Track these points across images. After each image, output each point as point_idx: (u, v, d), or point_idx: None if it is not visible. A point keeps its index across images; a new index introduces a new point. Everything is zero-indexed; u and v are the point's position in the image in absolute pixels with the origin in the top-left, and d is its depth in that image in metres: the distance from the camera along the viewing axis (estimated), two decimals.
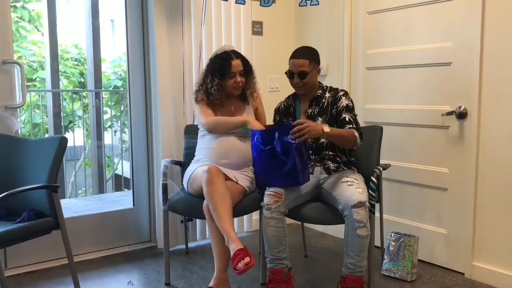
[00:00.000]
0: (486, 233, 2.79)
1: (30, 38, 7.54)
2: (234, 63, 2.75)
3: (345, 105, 2.65)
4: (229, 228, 2.38)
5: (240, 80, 2.77)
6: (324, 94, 2.72)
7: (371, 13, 3.37)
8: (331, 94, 2.71)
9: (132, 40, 3.33)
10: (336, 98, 2.68)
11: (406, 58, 3.16)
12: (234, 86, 2.78)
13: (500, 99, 2.70)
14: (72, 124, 6.40)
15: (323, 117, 2.67)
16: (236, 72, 2.76)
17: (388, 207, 3.27)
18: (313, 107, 2.72)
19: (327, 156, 2.68)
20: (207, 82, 2.79)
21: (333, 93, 2.71)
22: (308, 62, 2.63)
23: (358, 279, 2.40)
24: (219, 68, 2.76)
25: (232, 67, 2.74)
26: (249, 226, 3.75)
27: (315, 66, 2.68)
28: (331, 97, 2.70)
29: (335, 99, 2.68)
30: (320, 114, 2.68)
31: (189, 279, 2.91)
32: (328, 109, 2.68)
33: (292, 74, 2.66)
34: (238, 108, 2.88)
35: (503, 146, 2.69)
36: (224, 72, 2.75)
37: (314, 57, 2.69)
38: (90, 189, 6.22)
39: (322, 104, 2.70)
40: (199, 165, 2.72)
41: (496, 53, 2.70)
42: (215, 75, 2.76)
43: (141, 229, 3.49)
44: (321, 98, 2.71)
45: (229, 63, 2.74)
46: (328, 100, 2.69)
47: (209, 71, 2.80)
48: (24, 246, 2.53)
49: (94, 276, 2.95)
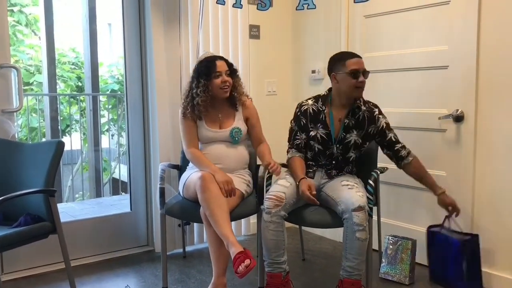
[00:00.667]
0: (483, 237, 2.79)
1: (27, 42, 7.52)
2: (218, 63, 2.74)
3: (385, 124, 2.66)
4: (227, 232, 2.38)
5: (227, 79, 2.74)
6: (361, 106, 2.65)
7: (368, 16, 3.38)
8: (366, 108, 2.65)
9: (129, 44, 3.33)
10: (373, 115, 2.65)
11: (403, 62, 3.17)
12: (221, 87, 2.73)
13: (496, 102, 2.71)
14: (69, 128, 6.39)
15: (359, 131, 2.64)
16: (222, 71, 2.73)
17: (386, 210, 3.27)
18: (349, 117, 2.64)
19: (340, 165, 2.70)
20: (192, 88, 2.76)
21: (368, 108, 2.66)
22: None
23: (356, 282, 2.40)
24: (205, 69, 2.73)
25: (217, 67, 2.72)
26: (247, 229, 3.75)
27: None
28: (367, 111, 2.64)
29: (373, 117, 2.64)
30: (356, 127, 2.63)
31: (186, 283, 2.90)
32: (364, 124, 2.64)
33: (357, 73, 2.55)
34: (227, 116, 2.83)
35: (500, 149, 2.70)
36: (209, 72, 2.71)
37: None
38: (87, 193, 6.21)
39: (358, 116, 2.64)
40: (193, 171, 2.72)
41: (493, 56, 2.71)
42: (201, 77, 2.73)
43: (139, 233, 3.48)
44: (359, 110, 2.64)
45: (214, 63, 2.73)
46: (365, 114, 2.64)
47: (195, 76, 2.77)
48: (21, 250, 2.52)
49: (92, 281, 2.94)
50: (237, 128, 2.80)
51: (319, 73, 3.74)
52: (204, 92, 2.72)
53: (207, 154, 2.75)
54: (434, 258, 2.84)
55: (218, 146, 2.78)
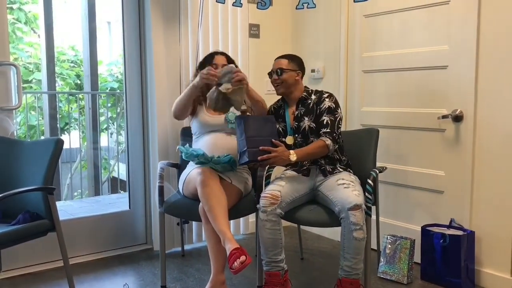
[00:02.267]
0: (483, 236, 2.80)
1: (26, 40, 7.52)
2: (217, 57, 2.89)
3: (327, 107, 2.69)
4: (224, 228, 2.38)
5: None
6: (310, 97, 2.77)
7: (367, 16, 3.38)
8: (316, 96, 2.76)
9: (129, 42, 3.33)
10: (320, 99, 2.73)
11: (402, 62, 3.17)
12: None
13: (495, 102, 2.71)
14: (68, 126, 6.39)
15: (309, 116, 2.71)
16: (218, 64, 2.83)
17: (385, 209, 3.28)
18: (299, 108, 2.76)
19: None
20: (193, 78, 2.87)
21: (318, 95, 2.76)
22: (286, 61, 2.77)
23: (355, 281, 2.41)
24: (203, 60, 2.92)
25: (215, 59, 2.86)
26: (245, 228, 3.75)
27: (294, 68, 2.75)
28: (316, 98, 2.75)
29: (320, 100, 2.73)
30: (306, 114, 2.72)
31: (185, 282, 2.90)
32: (313, 109, 2.72)
33: (271, 74, 2.79)
34: None
35: (499, 149, 2.70)
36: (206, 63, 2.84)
37: (294, 60, 2.79)
38: (86, 191, 6.21)
39: (308, 105, 2.74)
40: (192, 168, 2.72)
41: (492, 57, 2.71)
42: (199, 68, 2.88)
43: (137, 232, 3.48)
44: (307, 99, 2.76)
45: (213, 56, 2.89)
46: (314, 101, 2.74)
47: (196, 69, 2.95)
48: (20, 248, 2.52)
49: (90, 279, 2.94)
50: (232, 113, 2.84)
51: (319, 72, 3.74)
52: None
53: (203, 145, 2.76)
54: (427, 257, 2.87)
55: (215, 135, 2.79)
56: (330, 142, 2.59)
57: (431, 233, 2.84)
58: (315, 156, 2.65)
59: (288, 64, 2.75)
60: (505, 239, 2.70)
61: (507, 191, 2.67)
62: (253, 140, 2.49)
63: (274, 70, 2.77)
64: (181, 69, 3.30)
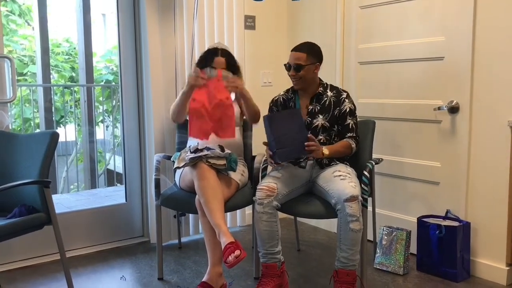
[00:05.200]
0: (478, 227, 2.81)
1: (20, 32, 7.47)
2: (217, 59, 2.84)
3: (349, 109, 2.67)
4: (220, 222, 2.39)
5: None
6: (326, 92, 2.71)
7: (363, 7, 3.37)
8: (333, 94, 2.70)
9: (124, 35, 3.31)
10: (339, 99, 2.68)
11: (398, 53, 3.16)
12: None
13: (491, 93, 2.71)
14: (64, 119, 6.36)
15: (325, 115, 2.67)
16: (217, 68, 2.80)
17: (381, 201, 3.29)
18: (314, 104, 2.70)
19: None
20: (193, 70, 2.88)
21: (336, 93, 2.70)
22: (305, 56, 2.63)
23: (351, 272, 2.42)
24: (203, 60, 2.87)
25: (214, 63, 2.82)
26: (242, 220, 3.76)
27: (313, 61, 2.65)
28: (333, 96, 2.69)
29: (339, 100, 2.67)
30: (322, 112, 2.67)
31: (182, 274, 2.91)
32: (330, 109, 2.67)
33: (289, 66, 2.67)
34: None
35: (494, 140, 2.71)
36: (205, 65, 2.82)
37: (313, 52, 2.67)
38: (82, 184, 6.20)
39: (324, 102, 2.68)
40: None
41: (488, 48, 2.71)
42: (198, 65, 2.87)
43: (134, 224, 3.48)
44: (323, 95, 2.70)
45: (212, 57, 2.84)
46: (331, 99, 2.68)
47: (197, 63, 2.92)
48: (16, 241, 2.52)
49: (87, 272, 2.94)
50: None
51: None
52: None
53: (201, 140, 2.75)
54: (423, 248, 2.88)
55: None
56: (354, 145, 2.63)
57: (427, 224, 2.85)
58: (341, 155, 2.65)
59: (306, 59, 2.62)
60: (500, 230, 2.71)
61: (502, 182, 2.68)
62: (282, 140, 2.43)
63: (292, 65, 2.64)
64: (176, 61, 3.29)
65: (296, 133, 2.45)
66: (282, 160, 2.50)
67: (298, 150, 2.47)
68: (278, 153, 2.44)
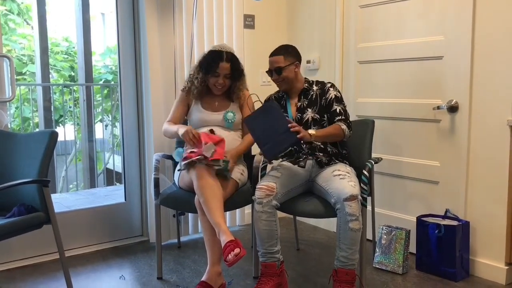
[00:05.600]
0: (477, 226, 2.81)
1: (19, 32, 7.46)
2: (221, 65, 2.74)
3: (334, 96, 2.70)
4: (219, 220, 2.39)
5: (221, 82, 2.77)
6: (312, 87, 2.76)
7: (363, 6, 3.36)
8: (318, 87, 2.76)
9: (123, 34, 3.30)
10: (324, 89, 2.73)
11: (397, 52, 3.16)
12: (215, 85, 2.79)
13: (490, 93, 2.71)
14: (63, 118, 6.35)
15: (313, 108, 2.71)
16: (221, 74, 2.76)
17: (380, 200, 3.29)
18: (301, 100, 2.75)
19: (318, 147, 2.68)
20: (194, 73, 2.85)
21: (320, 86, 2.76)
22: (282, 58, 2.70)
23: (350, 272, 2.41)
24: (206, 64, 2.78)
25: (219, 68, 2.74)
26: (241, 220, 3.76)
27: (291, 60, 2.71)
28: (319, 89, 2.74)
29: (323, 91, 2.73)
30: (310, 106, 2.72)
31: (181, 273, 2.91)
32: (317, 101, 2.72)
33: (270, 72, 2.75)
34: (222, 105, 2.87)
35: (493, 140, 2.71)
36: (209, 69, 2.77)
37: (289, 52, 2.73)
38: (81, 184, 6.19)
39: (311, 96, 2.73)
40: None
41: (487, 47, 2.71)
42: (201, 68, 2.81)
43: (133, 224, 3.48)
44: (309, 91, 2.75)
45: (217, 63, 2.74)
46: (316, 92, 2.74)
47: (199, 63, 2.85)
48: (15, 241, 2.52)
49: (86, 271, 2.94)
50: (232, 112, 2.83)
51: (314, 63, 3.73)
52: (200, 84, 2.82)
53: None
54: (422, 247, 2.88)
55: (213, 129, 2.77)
56: (345, 127, 2.61)
57: (426, 224, 2.85)
58: (332, 138, 2.63)
59: (284, 60, 2.69)
60: (499, 229, 2.71)
61: (501, 181, 2.68)
62: (264, 137, 2.42)
63: (273, 69, 2.72)
64: (175, 60, 3.29)
65: (275, 126, 2.41)
66: (271, 155, 2.45)
67: (284, 140, 2.40)
68: (265, 150, 2.42)
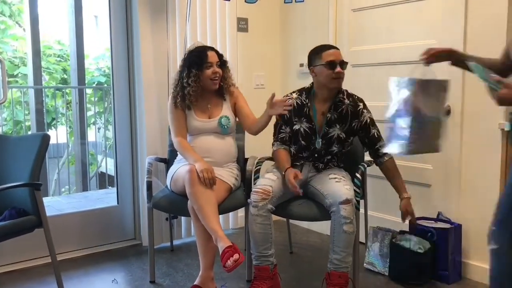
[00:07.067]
0: (470, 229, 2.82)
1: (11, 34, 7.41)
2: (210, 54, 2.74)
3: (370, 120, 2.63)
4: (216, 226, 2.38)
5: (217, 70, 2.74)
6: (344, 100, 2.63)
7: (355, 10, 3.38)
8: (350, 102, 2.63)
9: (116, 37, 3.29)
10: (357, 110, 2.62)
11: (390, 56, 3.18)
12: (212, 77, 2.73)
13: (483, 97, 2.71)
14: (55, 121, 6.31)
15: (342, 126, 2.61)
16: (213, 62, 2.74)
17: (373, 203, 3.29)
18: (331, 112, 2.61)
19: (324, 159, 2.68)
20: (183, 77, 2.75)
21: (352, 101, 2.63)
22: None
23: (343, 274, 2.42)
24: (196, 59, 2.73)
25: (209, 57, 2.73)
26: (235, 223, 3.75)
27: None
28: (350, 105, 2.62)
29: (356, 111, 2.61)
30: (339, 122, 2.61)
31: (174, 277, 2.90)
32: (347, 119, 2.61)
33: (333, 64, 2.53)
34: (215, 106, 2.83)
35: (485, 143, 2.72)
36: (201, 62, 2.71)
37: None
38: (74, 187, 6.15)
39: (341, 110, 2.61)
40: (181, 164, 2.70)
41: (479, 51, 2.71)
42: (192, 67, 2.73)
43: (126, 227, 3.46)
44: (341, 103, 2.62)
45: (205, 53, 2.74)
46: (348, 108, 2.61)
47: (185, 66, 2.76)
48: (6, 245, 2.49)
49: (78, 275, 2.92)
50: (226, 117, 2.79)
51: (306, 67, 3.73)
52: (195, 82, 2.73)
53: (195, 147, 2.74)
54: None
55: (206, 138, 2.77)
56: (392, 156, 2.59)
57: (418, 227, 2.86)
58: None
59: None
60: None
61: (493, 184, 2.70)
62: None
63: (338, 62, 2.53)
64: (169, 63, 3.28)
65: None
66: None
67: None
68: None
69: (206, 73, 2.73)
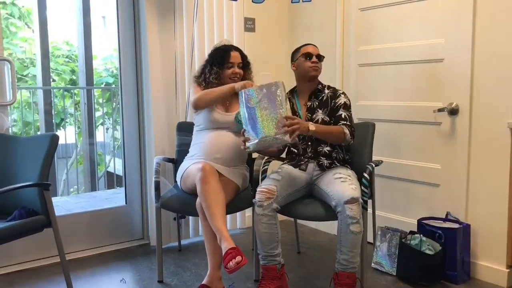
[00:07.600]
0: (478, 229, 2.81)
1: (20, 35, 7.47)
2: (233, 54, 2.84)
3: (343, 103, 2.70)
4: (221, 226, 2.38)
5: (238, 71, 2.83)
6: (324, 90, 2.77)
7: (363, 9, 3.37)
8: (330, 91, 2.76)
9: (124, 37, 3.31)
10: (335, 94, 2.74)
11: (398, 55, 3.17)
12: (231, 77, 2.81)
13: (491, 95, 2.71)
14: (64, 122, 6.35)
15: (323, 110, 2.71)
16: (235, 63, 2.83)
17: (381, 203, 3.28)
18: (312, 100, 2.75)
19: (322, 151, 2.68)
20: (205, 72, 2.85)
21: (333, 90, 2.77)
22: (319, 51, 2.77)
23: (351, 275, 2.41)
24: (219, 58, 2.83)
25: (231, 58, 2.82)
26: (242, 223, 3.75)
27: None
28: (330, 93, 2.75)
29: (335, 95, 2.73)
30: (320, 107, 2.72)
31: (182, 276, 2.91)
32: (328, 103, 2.72)
33: (310, 55, 2.73)
34: (233, 103, 2.86)
35: (494, 142, 2.71)
36: (223, 61, 2.82)
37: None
38: (82, 187, 6.19)
39: (322, 98, 2.74)
40: (192, 161, 2.71)
41: (488, 50, 2.71)
42: (214, 65, 2.83)
43: (134, 227, 3.48)
44: (321, 92, 2.76)
45: (229, 53, 2.83)
46: (328, 95, 2.74)
47: (209, 62, 2.87)
48: (16, 244, 2.52)
49: (87, 274, 2.94)
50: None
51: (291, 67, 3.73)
52: (215, 79, 2.82)
53: (207, 143, 2.75)
54: None
55: (220, 134, 2.78)
56: (347, 131, 2.59)
57: (427, 226, 2.85)
58: (331, 137, 2.61)
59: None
60: (500, 232, 2.71)
61: (502, 184, 2.68)
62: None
63: (315, 54, 2.74)
64: (176, 63, 3.29)
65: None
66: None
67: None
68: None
69: (227, 73, 2.82)
